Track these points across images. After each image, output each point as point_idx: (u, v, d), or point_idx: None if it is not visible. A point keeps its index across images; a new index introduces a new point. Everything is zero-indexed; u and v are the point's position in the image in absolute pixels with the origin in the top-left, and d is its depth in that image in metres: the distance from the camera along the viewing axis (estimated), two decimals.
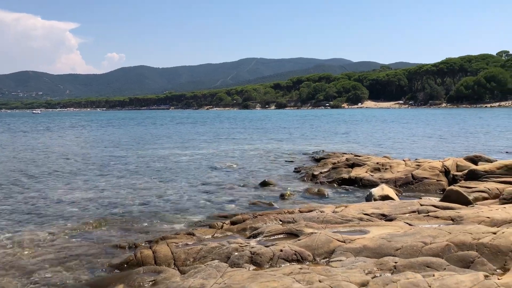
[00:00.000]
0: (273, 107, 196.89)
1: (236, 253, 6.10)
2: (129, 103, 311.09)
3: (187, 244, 6.90)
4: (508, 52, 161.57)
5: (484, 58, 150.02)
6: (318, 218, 8.03)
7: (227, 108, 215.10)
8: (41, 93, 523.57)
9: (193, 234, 7.52)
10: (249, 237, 7.40)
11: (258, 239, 7.11)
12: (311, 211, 8.66)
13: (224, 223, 8.43)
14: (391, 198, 9.70)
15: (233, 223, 8.39)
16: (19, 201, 11.20)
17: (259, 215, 8.58)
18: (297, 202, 10.86)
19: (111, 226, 8.75)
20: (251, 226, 7.97)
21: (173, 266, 6.05)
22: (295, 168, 16.13)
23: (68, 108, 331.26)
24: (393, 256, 5.74)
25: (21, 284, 5.89)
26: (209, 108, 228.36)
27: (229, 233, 7.80)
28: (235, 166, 17.10)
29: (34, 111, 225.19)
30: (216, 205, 10.63)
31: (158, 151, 23.26)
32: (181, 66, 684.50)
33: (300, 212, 8.76)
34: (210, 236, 7.56)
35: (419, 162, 13.13)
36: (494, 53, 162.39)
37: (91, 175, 15.34)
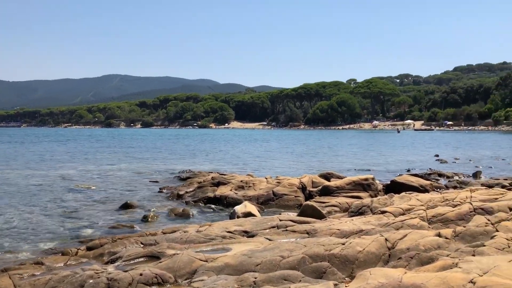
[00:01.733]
0: (138, 125, 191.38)
1: (91, 281, 5.64)
2: None
3: (34, 275, 6.20)
4: (356, 80, 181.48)
5: (336, 84, 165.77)
6: (181, 238, 7.89)
7: (88, 126, 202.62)
8: None
9: (42, 263, 6.80)
10: (107, 263, 6.94)
11: (116, 264, 6.70)
12: (175, 231, 8.49)
13: (79, 249, 7.80)
14: (254, 215, 9.98)
15: (89, 248, 7.80)
16: None
17: (119, 238, 8.12)
18: (161, 223, 10.56)
19: None
20: (110, 251, 7.50)
21: None
22: (160, 188, 15.74)
23: None
24: (253, 271, 5.86)
25: None
26: (68, 126, 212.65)
27: (84, 260, 7.23)
28: (94, 187, 16.06)
29: None
30: (72, 230, 9.80)
31: (6, 173, 20.80)
32: (36, 80, 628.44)
33: (163, 233, 8.52)
34: (62, 264, 6.92)
35: (279, 179, 13.81)
36: (344, 80, 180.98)
37: None
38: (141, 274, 5.78)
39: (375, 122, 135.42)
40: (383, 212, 8.74)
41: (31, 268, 6.50)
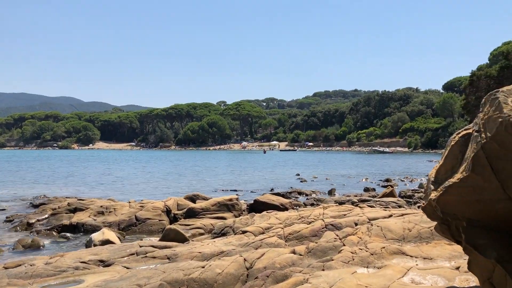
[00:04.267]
0: None
1: None
2: None
3: None
4: (226, 102, 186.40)
5: (207, 106, 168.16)
6: (26, 273, 7.09)
7: None
8: None
9: None
10: None
11: None
12: (19, 265, 7.61)
13: None
14: (112, 242, 9.45)
15: None
16: None
17: None
18: (4, 257, 9.40)
19: None
20: None
21: None
22: (6, 217, 14.08)
23: None
24: None
25: None
26: None
27: None
28: None
29: None
30: None
31: None
32: None
33: (5, 268, 7.58)
34: None
35: (143, 203, 13.36)
36: (214, 102, 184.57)
37: None
38: None
39: (244, 143, 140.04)
40: (244, 232, 8.93)
41: None
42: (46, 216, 13.28)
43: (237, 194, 17.60)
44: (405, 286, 5.18)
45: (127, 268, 7.19)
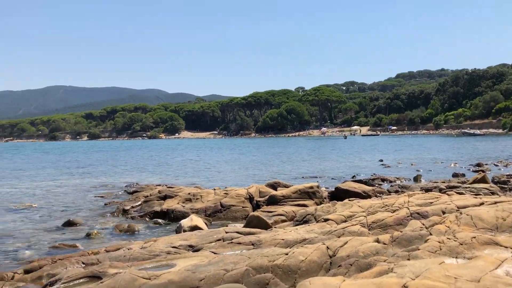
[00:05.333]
0: (85, 138, 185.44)
1: None
2: None
3: None
4: (304, 88, 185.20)
5: (285, 92, 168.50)
6: (125, 256, 7.73)
7: (30, 140, 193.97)
8: None
9: None
10: (45, 286, 6.68)
11: (55, 286, 6.47)
12: (118, 249, 8.31)
13: (16, 272, 7.46)
14: (200, 228, 9.94)
15: (27, 271, 7.48)
16: None
17: (59, 259, 7.84)
18: (105, 241, 10.29)
19: None
20: (49, 273, 7.22)
21: None
22: (105, 204, 15.33)
23: None
24: (197, 287, 5.85)
25: None
26: (9, 140, 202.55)
27: (21, 284, 6.94)
28: (35, 205, 15.40)
29: None
30: (8, 253, 9.34)
31: None
32: None
33: (107, 251, 8.32)
34: None
35: (227, 191, 13.84)
36: (292, 88, 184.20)
37: None
38: None
39: (324, 129, 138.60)
40: (326, 220, 8.97)
41: None
42: (139, 203, 14.25)
43: (317, 181, 17.60)
44: (499, 279, 4.93)
45: (215, 253, 7.55)
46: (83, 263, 7.61)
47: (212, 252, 7.64)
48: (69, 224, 11.98)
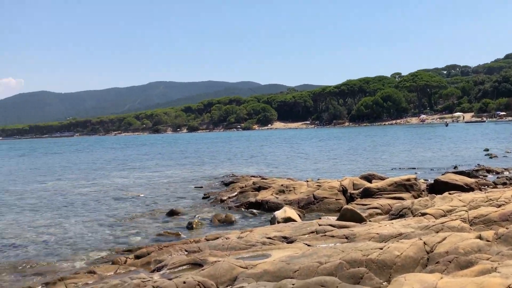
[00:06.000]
0: (185, 130, 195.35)
1: None
2: (29, 131, 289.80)
3: (87, 284, 6.66)
4: (401, 74, 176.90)
5: (380, 79, 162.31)
6: (223, 245, 8.17)
7: (136, 133, 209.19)
8: None
9: (94, 272, 7.26)
10: (153, 271, 7.31)
11: (162, 272, 7.05)
12: (217, 238, 8.78)
13: (128, 257, 8.24)
14: (293, 220, 10.13)
15: (137, 257, 8.23)
16: None
17: (165, 246, 8.51)
18: (205, 230, 10.91)
19: (3, 271, 8.13)
20: (156, 259, 7.88)
21: None
22: (204, 194, 16.17)
23: None
24: (291, 278, 6.03)
25: None
26: (117, 133, 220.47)
27: (132, 268, 7.64)
28: (141, 195, 16.73)
29: None
30: (120, 239, 10.33)
31: (60, 183, 22.01)
32: (86, 91, 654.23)
33: (207, 240, 8.83)
34: (112, 273, 7.35)
35: (320, 182, 13.87)
36: (388, 74, 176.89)
37: None
38: (184, 282, 6.07)
39: (423, 116, 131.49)
40: (423, 214, 8.66)
41: (85, 277, 6.97)
42: (235, 193, 14.83)
43: (415, 173, 16.91)
44: None
45: (308, 245, 7.68)
46: (186, 250, 8.17)
47: (306, 244, 7.78)
48: (172, 213, 12.87)
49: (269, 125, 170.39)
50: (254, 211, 12.74)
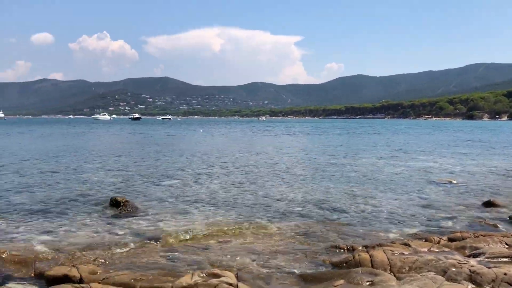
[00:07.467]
0: (505, 117, 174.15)
1: (454, 269, 6.10)
2: (345, 112, 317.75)
3: (402, 253, 7.15)
4: None
5: None
6: None
7: (447, 118, 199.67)
8: (266, 102, 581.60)
9: (409, 245, 7.70)
10: (468, 256, 7.20)
11: (478, 259, 6.88)
12: None
13: (441, 238, 8.33)
14: None
15: (450, 240, 8.23)
16: (249, 196, 13.11)
17: (481, 235, 8.20)
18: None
19: (330, 228, 9.57)
20: (471, 245, 7.70)
21: (389, 272, 6.42)
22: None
23: (288, 116, 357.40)
24: None
25: (257, 265, 7.12)
26: (428, 118, 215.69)
27: (446, 249, 7.71)
28: (454, 182, 16.18)
29: (260, 118, 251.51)
30: (433, 220, 10.44)
31: (374, 161, 23.55)
32: (399, 74, 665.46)
33: None
34: (426, 249, 7.62)
35: None
36: None
37: (309, 179, 16.72)
38: (505, 274, 5.80)
39: None
40: None
41: (400, 248, 7.50)
42: None
43: None
44: None
45: None
46: (507, 244, 7.65)
47: None
48: (489, 204, 12.04)
49: None
50: None
